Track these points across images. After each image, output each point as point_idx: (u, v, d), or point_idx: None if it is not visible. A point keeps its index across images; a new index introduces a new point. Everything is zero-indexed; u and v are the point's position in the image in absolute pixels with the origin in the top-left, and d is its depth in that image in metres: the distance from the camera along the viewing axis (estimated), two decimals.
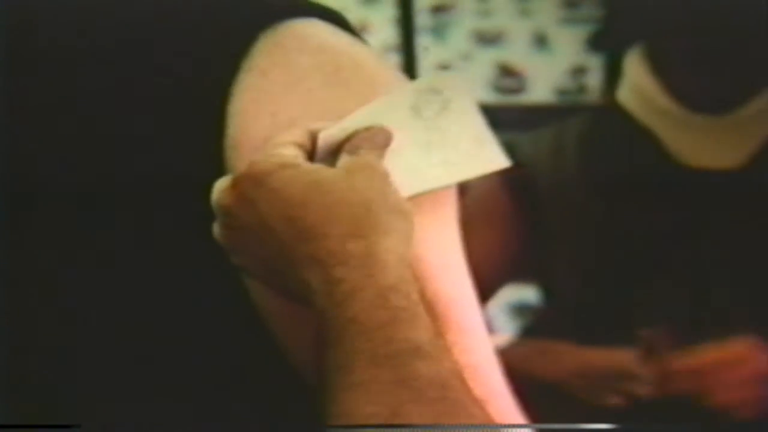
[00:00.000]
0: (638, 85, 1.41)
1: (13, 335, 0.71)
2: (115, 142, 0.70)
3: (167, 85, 0.70)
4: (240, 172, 0.66)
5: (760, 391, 1.26)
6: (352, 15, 2.87)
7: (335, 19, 0.75)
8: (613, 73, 3.03)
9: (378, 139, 0.69)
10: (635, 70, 1.42)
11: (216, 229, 0.67)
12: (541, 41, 3.12)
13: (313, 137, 0.69)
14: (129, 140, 0.69)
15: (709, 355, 1.29)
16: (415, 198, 0.70)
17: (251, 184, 0.65)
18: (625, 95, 1.44)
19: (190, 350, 0.70)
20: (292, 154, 0.66)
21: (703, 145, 1.36)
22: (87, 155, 0.70)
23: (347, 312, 0.62)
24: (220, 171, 0.68)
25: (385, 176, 0.67)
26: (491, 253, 1.44)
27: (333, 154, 0.69)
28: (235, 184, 0.66)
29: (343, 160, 0.67)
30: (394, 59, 3.12)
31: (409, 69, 3.13)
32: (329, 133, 0.69)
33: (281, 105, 0.69)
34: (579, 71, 3.12)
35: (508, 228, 1.45)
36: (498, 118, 2.99)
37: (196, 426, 0.70)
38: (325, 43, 0.72)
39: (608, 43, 1.61)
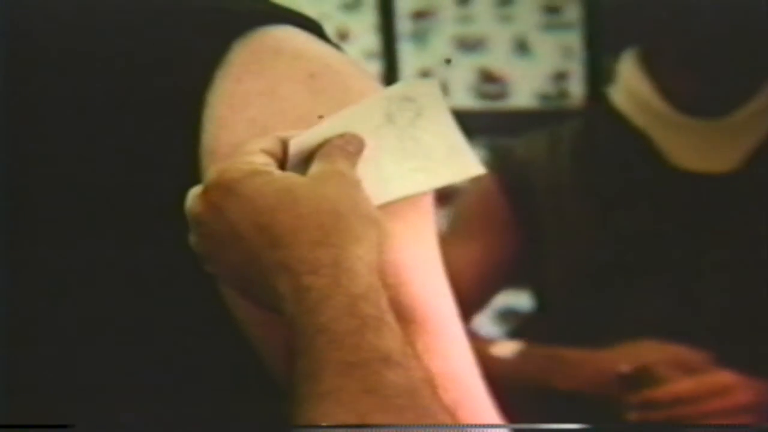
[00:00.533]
0: (632, 87, 1.41)
1: (7, 336, 0.71)
2: (92, 149, 0.70)
3: (143, 93, 0.69)
4: (210, 180, 0.66)
5: (742, 421, 1.26)
6: (333, 21, 2.88)
7: (309, 26, 0.75)
8: (596, 77, 3.05)
9: (351, 146, 0.69)
10: (629, 73, 1.42)
11: (190, 237, 0.67)
12: (522, 47, 3.13)
13: (284, 145, 0.68)
14: (105, 147, 0.69)
15: (692, 384, 1.29)
16: (390, 205, 0.70)
17: (221, 191, 0.65)
18: (619, 98, 1.44)
19: (184, 352, 0.70)
20: (262, 161, 0.66)
21: (697, 148, 1.37)
22: (65, 161, 0.70)
23: (316, 320, 0.62)
24: (195, 178, 0.68)
25: (355, 184, 0.67)
26: (487, 259, 1.44)
27: (305, 161, 0.69)
28: (205, 192, 0.66)
29: (315, 167, 0.67)
30: (376, 66, 3.12)
31: (391, 75, 3.13)
32: (300, 140, 0.69)
33: (257, 112, 0.69)
34: (561, 76, 3.14)
35: (504, 232, 1.45)
36: (481, 123, 3.02)
37: (189, 427, 0.70)
38: (299, 50, 0.72)
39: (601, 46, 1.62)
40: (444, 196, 0.77)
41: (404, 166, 0.72)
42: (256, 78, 0.70)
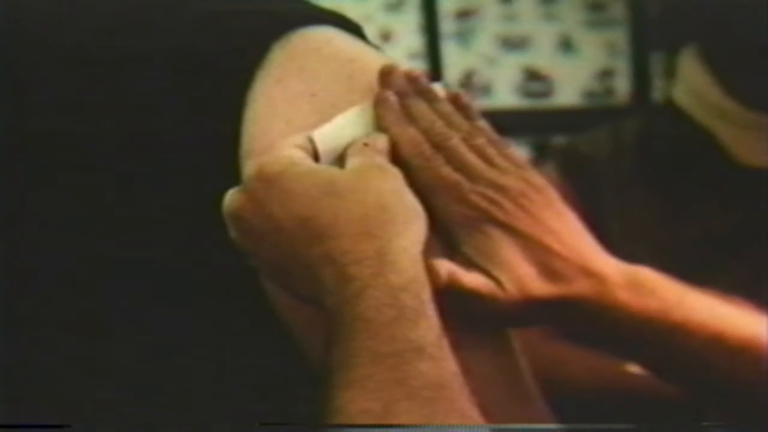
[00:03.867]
0: (694, 84, 1.39)
1: (3, 336, 0.71)
2: (132, 151, 0.70)
3: (184, 95, 0.70)
4: (249, 174, 0.66)
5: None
6: (376, 22, 2.89)
7: (348, 26, 0.75)
8: (643, 74, 3.03)
9: (379, 143, 0.69)
10: (690, 70, 1.40)
11: (231, 234, 0.67)
12: (566, 45, 3.11)
13: (313, 143, 0.69)
14: (145, 149, 0.69)
15: None
16: None
17: (262, 185, 0.65)
18: (680, 95, 1.42)
19: (182, 350, 0.70)
20: (299, 155, 0.67)
21: (761, 143, 1.34)
22: (104, 165, 0.70)
23: (355, 309, 0.62)
24: (236, 179, 0.68)
25: (397, 176, 0.67)
26: None
27: (337, 158, 0.69)
28: (245, 188, 0.66)
29: (353, 161, 0.67)
30: (420, 66, 3.12)
31: (435, 75, 3.13)
32: (324, 132, 0.69)
33: (296, 112, 0.69)
34: (606, 74, 3.11)
35: None
36: (526, 122, 3.01)
37: (186, 426, 0.70)
38: (339, 51, 0.72)
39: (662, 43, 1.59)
40: None
41: None
42: (296, 79, 0.70)
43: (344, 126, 0.69)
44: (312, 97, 0.70)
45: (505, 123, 3.46)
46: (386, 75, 0.71)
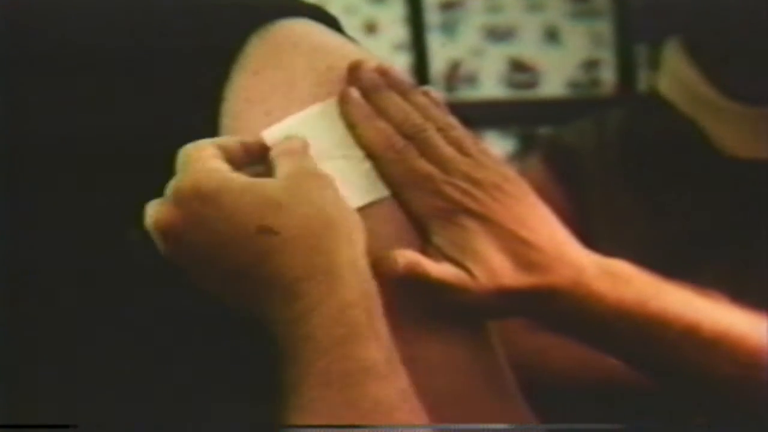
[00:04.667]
0: (679, 75, 1.39)
1: (9, 335, 0.71)
2: (107, 145, 0.69)
3: (160, 87, 0.69)
4: (181, 190, 0.64)
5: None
6: (361, 14, 2.89)
7: (326, 19, 0.74)
8: (628, 65, 3.03)
9: (294, 145, 0.68)
10: (675, 60, 1.40)
11: (161, 248, 0.66)
12: (552, 35, 3.12)
13: (243, 144, 0.67)
14: (122, 142, 0.69)
15: None
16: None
17: (199, 202, 0.64)
18: (665, 86, 1.42)
19: (187, 350, 0.69)
20: (225, 167, 0.65)
21: (746, 134, 1.34)
22: (80, 156, 0.69)
23: (304, 328, 0.61)
24: None
25: (330, 182, 0.66)
26: None
27: (260, 160, 0.68)
28: (177, 202, 0.64)
29: (283, 168, 0.66)
30: (405, 58, 3.12)
31: (420, 67, 3.12)
32: (273, 132, 0.68)
33: (274, 104, 0.69)
34: (591, 65, 3.12)
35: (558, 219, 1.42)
36: (511, 113, 3.01)
37: (192, 426, 0.69)
38: (318, 43, 0.72)
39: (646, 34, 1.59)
40: None
41: (362, 170, 0.70)
42: (274, 71, 0.70)
43: (294, 126, 0.69)
44: (290, 87, 0.69)
45: (491, 114, 3.46)
46: (355, 69, 0.71)
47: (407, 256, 0.66)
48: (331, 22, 0.74)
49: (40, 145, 0.70)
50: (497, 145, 3.07)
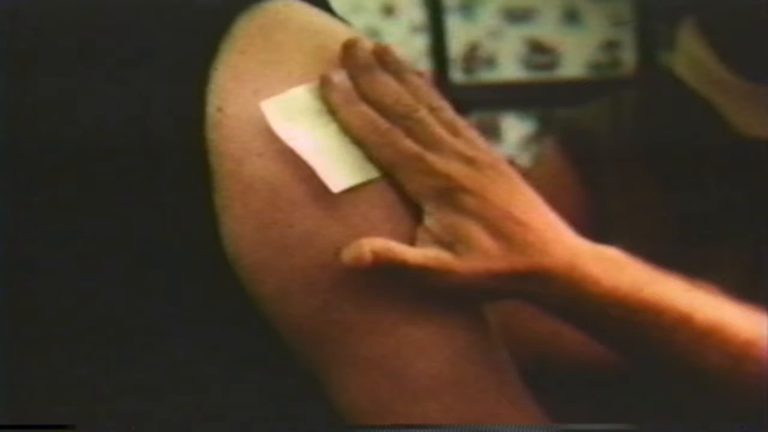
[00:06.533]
0: (693, 55, 1.38)
1: (8, 335, 0.70)
2: (96, 127, 0.68)
3: (146, 69, 0.68)
4: None
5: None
6: None
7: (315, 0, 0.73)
8: (648, 45, 3.00)
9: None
10: (689, 41, 1.39)
11: None
12: (571, 16, 3.09)
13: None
14: (111, 123, 0.68)
15: None
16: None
17: None
18: (680, 66, 1.41)
19: (186, 350, 0.68)
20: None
21: (760, 114, 1.33)
22: (68, 142, 0.69)
23: None
24: (201, 153, 0.67)
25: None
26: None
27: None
28: None
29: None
30: (423, 39, 3.10)
31: (438, 49, 3.11)
32: (275, 101, 0.67)
33: (263, 82, 0.68)
34: (611, 45, 3.09)
35: (569, 202, 1.42)
36: (531, 94, 2.98)
37: (191, 426, 0.69)
38: (305, 23, 0.71)
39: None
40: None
41: (353, 151, 0.69)
42: (262, 50, 0.69)
43: (291, 100, 0.68)
44: (279, 65, 0.68)
45: (510, 96, 3.44)
46: (349, 48, 0.70)
47: (374, 245, 0.65)
48: (319, 2, 0.73)
49: (28, 130, 0.70)
50: (516, 128, 3.05)
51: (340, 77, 0.69)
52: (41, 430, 0.70)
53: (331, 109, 0.69)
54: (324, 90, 0.69)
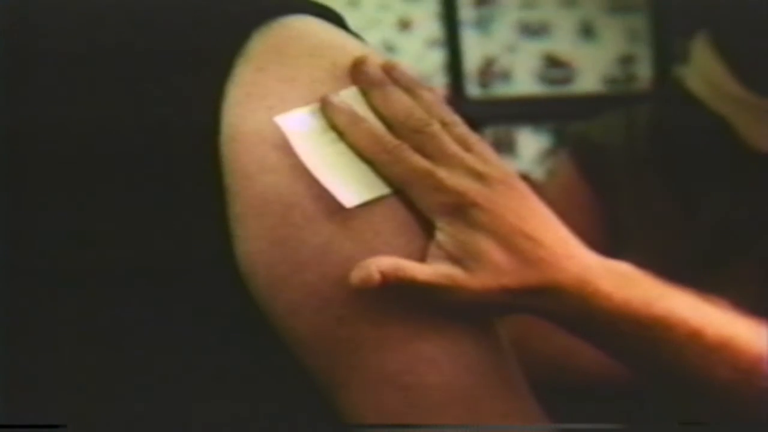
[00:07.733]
0: (706, 71, 1.37)
1: (1, 336, 0.71)
2: (110, 144, 0.69)
3: (163, 85, 0.69)
4: None
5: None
6: (395, 11, 2.87)
7: (330, 16, 0.74)
8: (664, 60, 3.00)
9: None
10: (702, 56, 1.38)
11: None
12: (587, 31, 3.09)
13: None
14: (126, 137, 0.68)
15: None
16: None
17: None
18: (693, 81, 1.41)
19: (178, 351, 0.69)
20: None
21: None
22: (83, 155, 0.69)
23: None
24: (216, 168, 0.67)
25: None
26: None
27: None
28: None
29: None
30: (439, 54, 3.11)
31: (454, 63, 3.11)
32: (291, 116, 0.68)
33: (278, 98, 0.68)
34: (627, 60, 3.09)
35: (584, 217, 1.41)
36: (547, 109, 2.98)
37: (183, 427, 0.69)
38: (320, 40, 0.71)
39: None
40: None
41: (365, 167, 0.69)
42: (277, 66, 0.69)
43: (310, 113, 0.68)
44: (293, 82, 0.69)
45: (526, 110, 3.44)
46: (359, 65, 0.70)
47: (382, 264, 0.65)
48: (335, 19, 0.74)
49: (41, 143, 0.70)
50: (532, 142, 3.05)
51: (338, 98, 0.69)
52: (32, 430, 0.70)
53: (337, 131, 0.69)
54: (326, 112, 0.69)
